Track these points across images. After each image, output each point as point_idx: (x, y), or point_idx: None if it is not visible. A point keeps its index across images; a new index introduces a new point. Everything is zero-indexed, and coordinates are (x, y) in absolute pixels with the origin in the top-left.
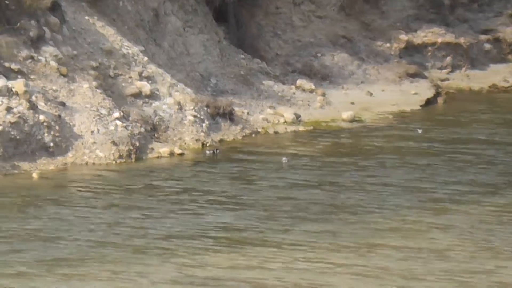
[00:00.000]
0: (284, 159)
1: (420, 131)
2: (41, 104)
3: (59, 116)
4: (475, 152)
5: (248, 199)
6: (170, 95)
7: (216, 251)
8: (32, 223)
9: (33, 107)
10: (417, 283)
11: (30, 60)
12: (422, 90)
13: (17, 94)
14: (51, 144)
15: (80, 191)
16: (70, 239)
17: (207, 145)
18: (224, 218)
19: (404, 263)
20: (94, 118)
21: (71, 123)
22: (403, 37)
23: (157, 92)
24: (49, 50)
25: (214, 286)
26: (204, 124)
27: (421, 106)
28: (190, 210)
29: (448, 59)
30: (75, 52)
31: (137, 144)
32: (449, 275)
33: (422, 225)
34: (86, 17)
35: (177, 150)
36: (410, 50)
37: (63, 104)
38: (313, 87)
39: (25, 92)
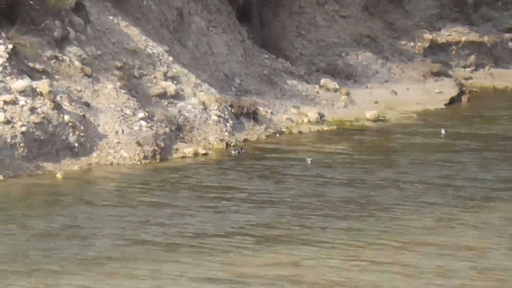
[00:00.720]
0: (308, 160)
1: (443, 132)
2: (65, 104)
3: (84, 116)
4: (503, 149)
5: (278, 198)
6: (195, 95)
7: (252, 249)
8: (63, 222)
9: (57, 107)
10: (452, 280)
11: (54, 60)
12: (446, 89)
13: (41, 94)
14: (76, 145)
15: (107, 190)
16: (105, 237)
17: (231, 145)
18: (257, 216)
19: (439, 260)
20: (118, 118)
21: (95, 123)
22: (427, 36)
23: (182, 92)
24: (73, 50)
25: (251, 283)
26: (228, 124)
27: (445, 104)
28: (222, 208)
29: (472, 57)
30: (99, 52)
31: (162, 144)
32: (485, 273)
33: (456, 222)
34: (110, 17)
35: (202, 150)
36: (434, 49)
37: (87, 104)
38: (337, 86)
39: (50, 92)
